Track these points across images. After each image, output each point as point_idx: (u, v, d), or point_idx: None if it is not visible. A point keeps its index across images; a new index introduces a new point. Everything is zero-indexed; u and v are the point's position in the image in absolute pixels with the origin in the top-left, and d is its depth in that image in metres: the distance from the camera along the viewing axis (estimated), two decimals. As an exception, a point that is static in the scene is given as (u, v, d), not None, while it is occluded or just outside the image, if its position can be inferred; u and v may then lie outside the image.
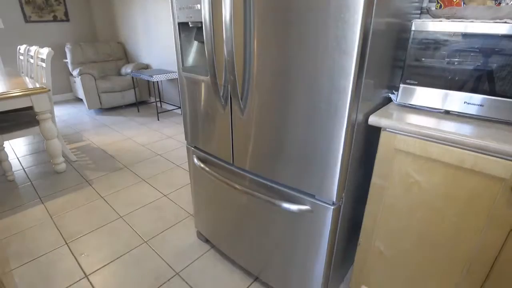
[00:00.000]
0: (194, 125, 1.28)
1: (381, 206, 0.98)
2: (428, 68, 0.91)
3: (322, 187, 0.91)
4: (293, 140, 0.92)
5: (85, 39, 4.96)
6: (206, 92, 1.14)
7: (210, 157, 1.28)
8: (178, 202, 2.03)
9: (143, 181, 2.32)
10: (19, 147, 3.01)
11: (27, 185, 2.26)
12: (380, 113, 0.91)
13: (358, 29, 0.68)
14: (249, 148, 1.06)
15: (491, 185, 0.76)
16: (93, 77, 3.94)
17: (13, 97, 1.99)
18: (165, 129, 3.51)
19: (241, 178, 1.17)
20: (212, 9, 0.94)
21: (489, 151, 0.73)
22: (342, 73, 0.74)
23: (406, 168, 0.88)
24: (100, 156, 2.77)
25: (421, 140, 0.82)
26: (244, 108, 1.01)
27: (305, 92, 0.84)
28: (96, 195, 2.12)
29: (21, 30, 4.31)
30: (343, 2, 0.68)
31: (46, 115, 2.22)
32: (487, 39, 0.80)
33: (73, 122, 3.78)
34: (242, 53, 0.94)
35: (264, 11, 0.84)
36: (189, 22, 1.06)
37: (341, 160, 0.84)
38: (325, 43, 0.75)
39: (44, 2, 4.42)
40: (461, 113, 0.90)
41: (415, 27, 0.90)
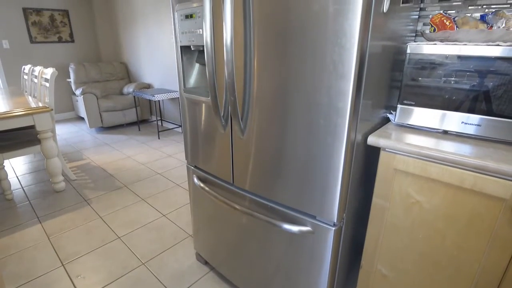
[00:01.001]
0: (194, 145, 1.29)
1: (383, 227, 0.97)
2: (425, 89, 0.93)
3: (323, 207, 0.90)
4: (293, 160, 0.93)
5: (88, 59, 5.07)
6: (207, 112, 1.15)
7: (210, 176, 1.28)
8: (177, 222, 2.00)
9: (143, 200, 2.30)
10: (18, 166, 3.01)
11: (25, 204, 2.24)
12: (378, 133, 0.92)
13: (354, 54, 0.70)
14: (249, 168, 1.07)
15: (492, 205, 0.75)
16: (95, 96, 4.00)
17: (15, 116, 2.01)
18: (165, 147, 3.52)
19: (241, 198, 1.16)
20: (213, 32, 0.98)
21: (488, 171, 0.73)
22: (340, 95, 0.76)
23: (406, 188, 0.88)
24: (100, 175, 2.76)
25: (420, 160, 0.83)
26: (244, 128, 1.02)
27: (304, 113, 0.85)
28: (94, 214, 2.10)
29: (26, 51, 4.42)
30: (339, 28, 0.71)
31: (48, 134, 2.23)
32: (482, 61, 0.83)
33: (74, 141, 3.80)
34: (242, 75, 0.96)
35: (263, 35, 0.86)
36: (191, 45, 1.10)
37: (341, 180, 0.84)
38: (323, 67, 0.77)
39: (49, 24, 4.56)
40: (459, 133, 0.91)
41: (411, 50, 0.93)
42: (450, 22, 1.04)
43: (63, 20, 4.68)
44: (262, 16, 0.85)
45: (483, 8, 1.07)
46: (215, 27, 0.98)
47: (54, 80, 2.38)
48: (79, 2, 4.77)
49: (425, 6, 1.18)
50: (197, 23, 1.04)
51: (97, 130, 4.28)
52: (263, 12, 0.85)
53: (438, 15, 1.07)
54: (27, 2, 4.30)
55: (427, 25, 1.19)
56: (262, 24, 0.86)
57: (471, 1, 1.08)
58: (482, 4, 1.07)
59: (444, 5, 1.14)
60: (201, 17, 1.02)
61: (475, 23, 1.03)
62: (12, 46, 4.30)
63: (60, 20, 4.65)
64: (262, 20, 0.86)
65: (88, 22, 4.94)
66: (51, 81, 2.37)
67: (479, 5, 1.07)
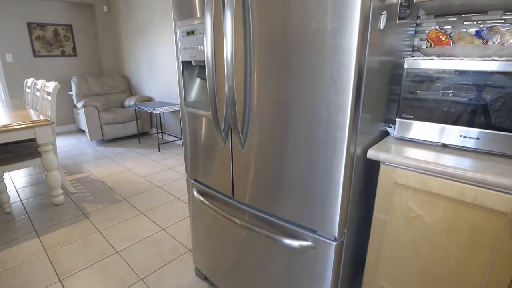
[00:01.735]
0: (194, 158, 1.29)
1: (384, 241, 0.96)
2: (423, 103, 0.94)
3: (324, 222, 0.90)
4: (293, 174, 0.93)
5: (91, 73, 5.14)
6: (207, 126, 1.16)
7: (210, 190, 1.28)
8: (176, 236, 1.98)
9: (142, 214, 2.28)
10: (18, 178, 3.00)
11: (23, 217, 2.23)
12: (378, 146, 0.92)
13: (352, 69, 0.72)
14: (250, 182, 1.07)
15: (493, 219, 0.75)
16: (96, 109, 4.03)
17: (17, 129, 2.02)
18: (165, 160, 3.52)
19: (241, 212, 1.15)
20: (214, 48, 0.99)
21: (488, 185, 0.73)
22: (339, 109, 0.77)
23: (407, 202, 0.88)
24: (99, 188, 2.75)
25: (420, 174, 0.83)
26: (245, 142, 1.03)
27: (304, 127, 0.86)
28: (93, 228, 2.08)
29: (29, 64, 4.49)
30: (337, 44, 0.72)
31: (48, 147, 2.24)
32: (478, 75, 0.84)
33: (74, 154, 3.80)
34: (242, 89, 0.97)
35: (263, 51, 0.88)
36: (192, 61, 1.12)
37: (342, 193, 0.84)
38: (322, 82, 0.78)
39: (53, 38, 4.64)
40: (458, 146, 0.91)
41: (408, 65, 0.94)
42: (446, 37, 1.06)
43: (66, 35, 4.77)
44: (262, 32, 0.87)
45: (478, 23, 1.09)
46: (215, 43, 1.00)
47: (56, 93, 2.40)
48: (83, 17, 4.88)
49: (421, 22, 1.20)
50: (198, 39, 1.06)
51: (98, 142, 4.29)
52: (263, 29, 0.87)
53: (434, 31, 1.10)
54: (31, 17, 4.40)
55: (423, 40, 1.21)
56: (262, 40, 0.88)
57: (466, 17, 1.11)
58: (477, 19, 1.09)
59: (440, 21, 1.16)
60: (202, 34, 1.04)
61: (470, 38, 1.05)
62: (16, 60, 4.36)
63: (64, 35, 4.74)
64: (262, 37, 0.88)
65: (91, 36, 5.03)
66: (53, 94, 2.39)
67: (474, 21, 1.10)
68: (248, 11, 0.89)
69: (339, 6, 0.70)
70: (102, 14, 4.88)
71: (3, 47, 4.22)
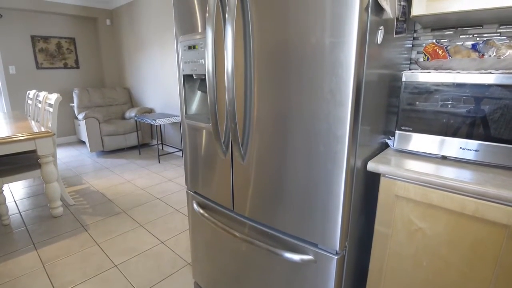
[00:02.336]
0: (194, 171, 1.29)
1: (386, 255, 0.95)
2: (421, 115, 0.95)
3: (325, 235, 0.89)
4: (294, 187, 0.93)
5: (92, 85, 5.19)
6: (208, 138, 1.17)
7: (210, 203, 1.27)
8: (175, 249, 1.96)
9: (141, 226, 2.26)
10: (17, 190, 2.99)
11: (22, 230, 2.21)
12: (378, 159, 0.93)
13: (351, 83, 0.73)
14: (250, 194, 1.06)
15: (495, 232, 0.74)
16: (97, 120, 4.05)
17: (18, 140, 2.03)
18: (165, 172, 3.51)
19: (241, 225, 1.14)
20: (215, 62, 1.01)
21: (489, 197, 0.73)
22: (338, 122, 0.78)
23: (408, 214, 0.88)
24: (99, 200, 2.73)
25: (420, 186, 0.83)
26: (245, 154, 1.03)
27: (304, 140, 0.86)
28: (91, 241, 2.06)
29: (32, 76, 4.54)
30: (336, 59, 0.74)
31: (49, 159, 2.24)
32: (476, 88, 0.85)
33: (74, 165, 3.80)
34: (242, 102, 0.98)
35: (263, 65, 0.90)
36: (194, 74, 1.13)
37: (343, 206, 0.84)
38: (321, 95, 0.79)
39: (56, 51, 4.71)
40: (458, 158, 0.92)
41: (406, 78, 0.96)
42: (442, 51, 1.08)
43: (69, 47, 4.84)
44: (262, 47, 0.89)
45: (474, 37, 1.11)
46: (216, 57, 1.02)
47: (58, 105, 2.42)
48: (86, 30, 4.96)
49: (418, 35, 1.23)
50: (200, 53, 1.08)
51: (98, 154, 4.29)
52: (263, 43, 0.89)
53: (431, 44, 1.12)
54: (35, 30, 4.47)
55: (420, 54, 1.23)
56: (262, 54, 0.89)
57: (462, 31, 1.13)
58: (473, 33, 1.11)
59: (437, 34, 1.19)
60: (203, 48, 1.06)
61: (467, 52, 1.07)
62: (19, 72, 4.42)
63: (67, 47, 4.81)
64: (262, 51, 0.89)
65: (94, 49, 5.11)
66: (55, 106, 2.41)
67: (470, 34, 1.12)
68: (248, 26, 0.91)
69: (337, 22, 0.72)
70: (105, 28, 4.97)
71: (6, 59, 4.28)
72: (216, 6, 0.98)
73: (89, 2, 4.67)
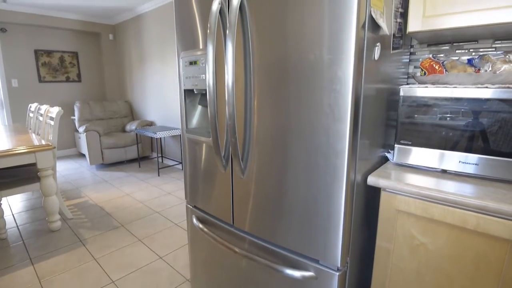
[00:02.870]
0: (194, 185, 1.29)
1: (389, 270, 0.94)
2: (420, 129, 0.96)
3: (326, 250, 0.88)
4: (294, 201, 0.92)
5: (94, 98, 5.23)
6: (208, 152, 1.17)
7: (209, 217, 1.26)
8: (174, 265, 1.93)
9: (139, 241, 2.23)
10: (15, 203, 2.96)
11: (19, 244, 2.17)
12: (378, 173, 0.93)
13: (349, 98, 0.74)
14: (250, 209, 1.06)
15: (498, 247, 0.74)
16: (98, 133, 4.06)
17: (18, 153, 2.03)
18: (165, 185, 3.49)
19: (241, 240, 1.13)
20: (215, 77, 1.03)
21: (489, 211, 0.73)
22: (337, 137, 0.78)
23: (410, 229, 0.87)
24: (97, 214, 2.71)
25: (421, 200, 0.83)
26: (245, 168, 1.03)
27: (304, 154, 0.86)
28: (89, 256, 2.03)
29: (34, 89, 4.58)
30: (334, 75, 0.75)
31: (48, 172, 2.23)
32: (473, 102, 0.86)
33: (73, 178, 3.78)
34: (242, 117, 0.99)
35: (263, 80, 0.91)
36: (194, 89, 1.15)
37: (343, 221, 0.83)
38: (320, 111, 0.80)
39: (59, 64, 4.77)
40: (457, 172, 0.92)
41: (404, 93, 0.97)
42: (439, 66, 1.10)
43: (72, 61, 4.91)
44: (262, 63, 0.91)
45: (470, 51, 1.13)
46: (217, 72, 1.04)
47: (59, 118, 2.44)
48: (89, 44, 5.05)
49: (415, 50, 1.25)
50: (201, 69, 1.09)
51: (97, 167, 4.28)
52: (262, 59, 0.90)
53: (428, 59, 1.14)
54: (39, 44, 4.55)
55: (418, 68, 1.25)
56: (262, 70, 0.91)
57: (458, 46, 1.15)
58: (468, 48, 1.13)
59: (433, 49, 1.21)
60: (204, 64, 1.08)
61: (463, 66, 1.09)
62: (21, 85, 4.46)
63: (70, 61, 4.88)
64: (261, 66, 0.91)
65: (96, 63, 5.18)
66: (56, 119, 2.42)
67: (465, 49, 1.14)
68: (248, 43, 0.93)
69: (335, 39, 0.74)
70: (107, 42, 5.05)
71: (9, 72, 4.33)
72: (217, 23, 1.00)
73: (93, 18, 4.77)
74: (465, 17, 0.90)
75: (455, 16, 0.91)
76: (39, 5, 4.05)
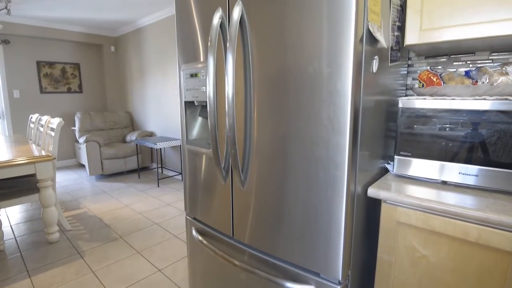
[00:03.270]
0: (194, 196, 1.28)
1: (390, 283, 0.92)
2: (419, 141, 0.96)
3: (326, 263, 0.87)
4: (294, 213, 0.92)
5: (95, 108, 5.26)
6: (208, 164, 1.17)
7: (209, 229, 1.25)
8: (173, 278, 1.90)
9: (138, 253, 2.21)
10: (14, 214, 2.94)
11: (16, 256, 2.15)
12: (378, 184, 0.93)
13: (348, 110, 0.74)
14: (250, 221, 1.05)
15: (500, 259, 0.73)
16: (98, 144, 4.07)
17: (18, 164, 2.03)
18: (164, 196, 3.48)
19: (241, 253, 1.12)
20: (216, 89, 1.04)
21: (491, 223, 0.72)
22: (337, 149, 0.78)
23: (411, 241, 0.86)
24: (96, 225, 2.68)
25: (422, 212, 0.82)
26: (245, 180, 1.03)
27: (304, 166, 0.87)
28: (87, 268, 2.00)
29: (35, 100, 4.61)
30: (333, 88, 0.76)
31: (48, 183, 2.23)
32: (471, 114, 0.87)
33: (72, 189, 3.77)
34: (243, 128, 1.00)
35: (263, 93, 0.92)
36: (195, 101, 1.16)
37: (344, 232, 0.83)
38: (320, 123, 0.81)
39: (61, 76, 4.82)
40: (458, 183, 0.91)
41: (402, 105, 0.98)
42: (437, 78, 1.11)
43: (73, 72, 4.96)
44: (262, 75, 0.92)
45: (467, 63, 1.14)
46: (217, 84, 1.05)
47: (59, 129, 2.44)
48: (91, 56, 5.11)
49: (413, 62, 1.27)
50: (201, 81, 1.11)
51: (97, 177, 4.27)
52: (262, 72, 0.92)
53: (425, 72, 1.15)
54: (41, 56, 4.60)
55: (416, 80, 1.27)
56: (262, 83, 0.92)
57: (455, 58, 1.17)
58: (465, 60, 1.15)
59: (431, 61, 1.22)
60: (205, 76, 1.09)
61: (460, 78, 1.10)
62: (22, 96, 4.49)
63: (71, 72, 4.93)
64: (261, 79, 0.92)
65: (98, 74, 5.23)
66: (57, 130, 2.43)
67: (463, 61, 1.15)
68: (248, 56, 0.94)
69: (334, 52, 0.75)
70: (109, 54, 5.12)
71: (11, 83, 4.37)
72: (218, 37, 1.02)
73: (95, 30, 4.85)
74: (461, 30, 0.91)
75: (451, 29, 0.93)
76: (43, 17, 4.13)
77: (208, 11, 1.07)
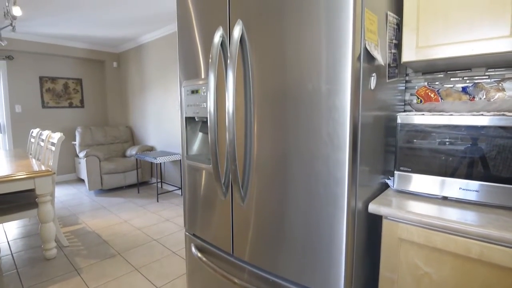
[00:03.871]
0: (193, 212, 1.27)
1: (393, 302, 0.91)
2: (420, 156, 0.96)
3: (328, 281, 0.86)
4: (295, 230, 0.91)
5: (96, 123, 5.29)
6: (208, 179, 1.17)
7: (208, 246, 1.24)
8: (172, 294, 1.86)
9: (136, 270, 2.17)
10: (11, 229, 2.91)
11: (12, 273, 2.11)
12: (379, 200, 0.92)
13: (347, 126, 0.75)
14: (250, 238, 1.04)
15: (504, 276, 0.72)
16: (98, 158, 4.07)
17: (17, 179, 2.02)
18: (163, 211, 3.45)
19: (240, 271, 1.10)
20: (216, 105, 1.05)
21: (493, 240, 0.71)
22: (337, 165, 0.79)
23: (413, 258, 0.85)
24: (94, 241, 2.65)
25: (423, 228, 0.82)
26: (245, 196, 1.03)
27: (304, 182, 0.87)
28: (84, 286, 1.96)
29: (36, 115, 4.64)
30: (332, 104, 0.77)
31: (46, 198, 2.21)
32: (470, 129, 0.87)
33: (71, 204, 3.74)
34: (243, 144, 1.01)
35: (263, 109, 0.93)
36: (196, 117, 1.17)
37: (345, 249, 0.82)
38: (319, 139, 0.81)
39: (63, 91, 4.87)
40: (458, 199, 0.91)
41: (401, 120, 0.99)
42: (434, 94, 1.13)
43: (76, 88, 5.01)
44: (262, 92, 0.93)
45: (464, 79, 1.16)
46: (218, 100, 1.06)
47: (60, 144, 2.45)
48: (93, 71, 5.19)
49: (410, 78, 1.29)
50: (202, 97, 1.12)
51: (96, 192, 4.24)
52: (262, 88, 0.93)
53: (423, 88, 1.17)
54: (44, 71, 4.67)
55: (414, 95, 1.28)
56: (262, 99, 0.94)
57: (452, 74, 1.19)
58: (462, 76, 1.16)
59: (428, 77, 1.24)
60: (205, 93, 1.11)
61: (458, 94, 1.11)
62: (24, 110, 4.53)
63: (73, 88, 4.99)
64: (261, 96, 0.94)
65: (99, 89, 5.29)
66: (57, 145, 2.44)
67: (460, 77, 1.17)
68: (248, 73, 0.96)
69: (332, 70, 0.77)
70: (111, 70, 5.20)
71: (13, 98, 4.41)
72: (218, 54, 1.04)
73: (98, 46, 4.94)
74: (457, 47, 0.93)
75: (446, 47, 0.95)
76: (46, 34, 4.22)
77: (209, 29, 1.10)
